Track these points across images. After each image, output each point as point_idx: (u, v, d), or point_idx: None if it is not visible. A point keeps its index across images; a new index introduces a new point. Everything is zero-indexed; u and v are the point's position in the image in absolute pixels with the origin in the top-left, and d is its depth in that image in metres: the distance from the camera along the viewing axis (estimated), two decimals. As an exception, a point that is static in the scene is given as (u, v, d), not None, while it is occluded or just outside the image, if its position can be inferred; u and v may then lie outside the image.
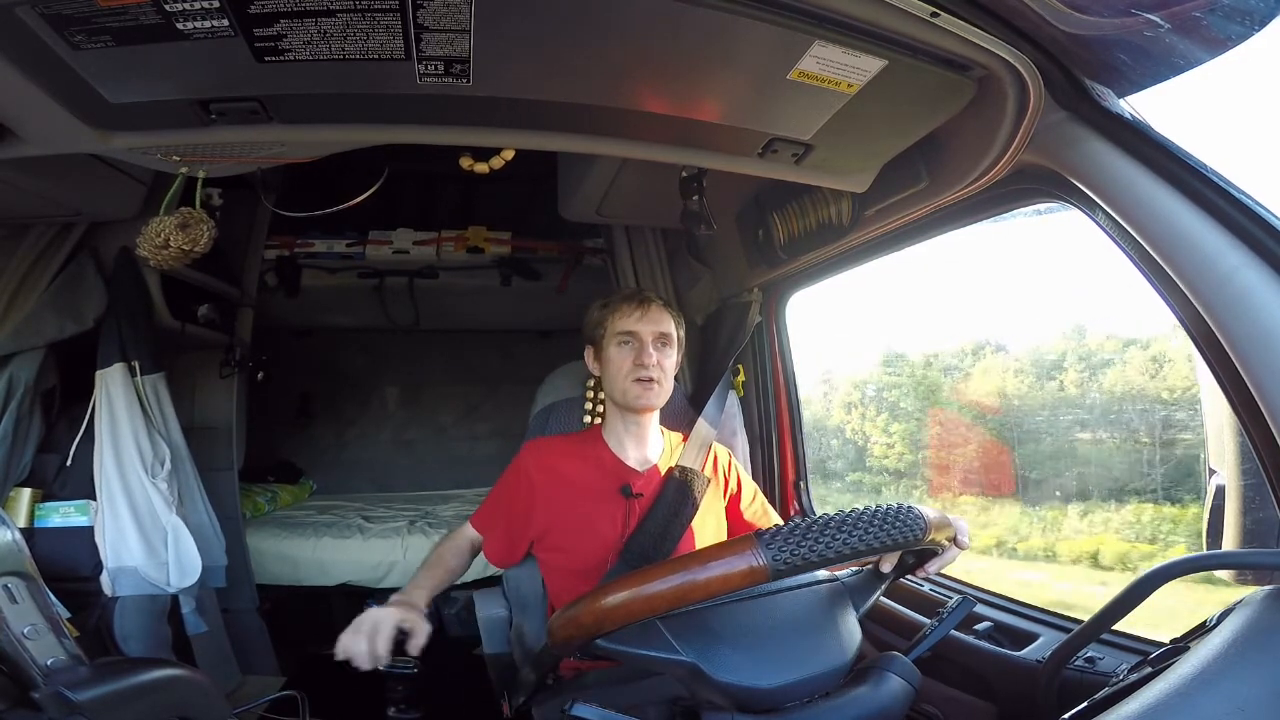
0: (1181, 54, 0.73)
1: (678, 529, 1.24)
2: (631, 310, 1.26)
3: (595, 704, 0.67)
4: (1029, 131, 0.89)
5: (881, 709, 0.72)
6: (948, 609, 0.85)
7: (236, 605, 2.11)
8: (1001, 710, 1.07)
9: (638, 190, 1.55)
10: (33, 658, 0.55)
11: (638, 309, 1.26)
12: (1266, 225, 0.69)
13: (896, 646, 0.81)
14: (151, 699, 0.62)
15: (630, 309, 1.26)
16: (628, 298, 1.28)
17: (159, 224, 1.25)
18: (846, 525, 0.66)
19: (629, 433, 1.31)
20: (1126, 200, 0.79)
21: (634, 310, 1.25)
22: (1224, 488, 0.80)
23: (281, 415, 3.41)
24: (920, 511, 0.71)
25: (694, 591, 0.64)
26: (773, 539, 0.64)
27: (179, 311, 1.99)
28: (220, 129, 0.93)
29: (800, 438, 1.76)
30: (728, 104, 0.93)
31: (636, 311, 1.25)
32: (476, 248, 2.61)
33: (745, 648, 0.71)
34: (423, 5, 0.72)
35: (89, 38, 0.72)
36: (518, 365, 3.55)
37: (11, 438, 1.66)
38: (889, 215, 1.21)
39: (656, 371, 1.23)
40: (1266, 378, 0.66)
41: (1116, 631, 0.89)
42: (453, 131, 0.98)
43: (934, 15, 0.74)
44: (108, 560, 1.67)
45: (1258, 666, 0.56)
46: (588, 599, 0.68)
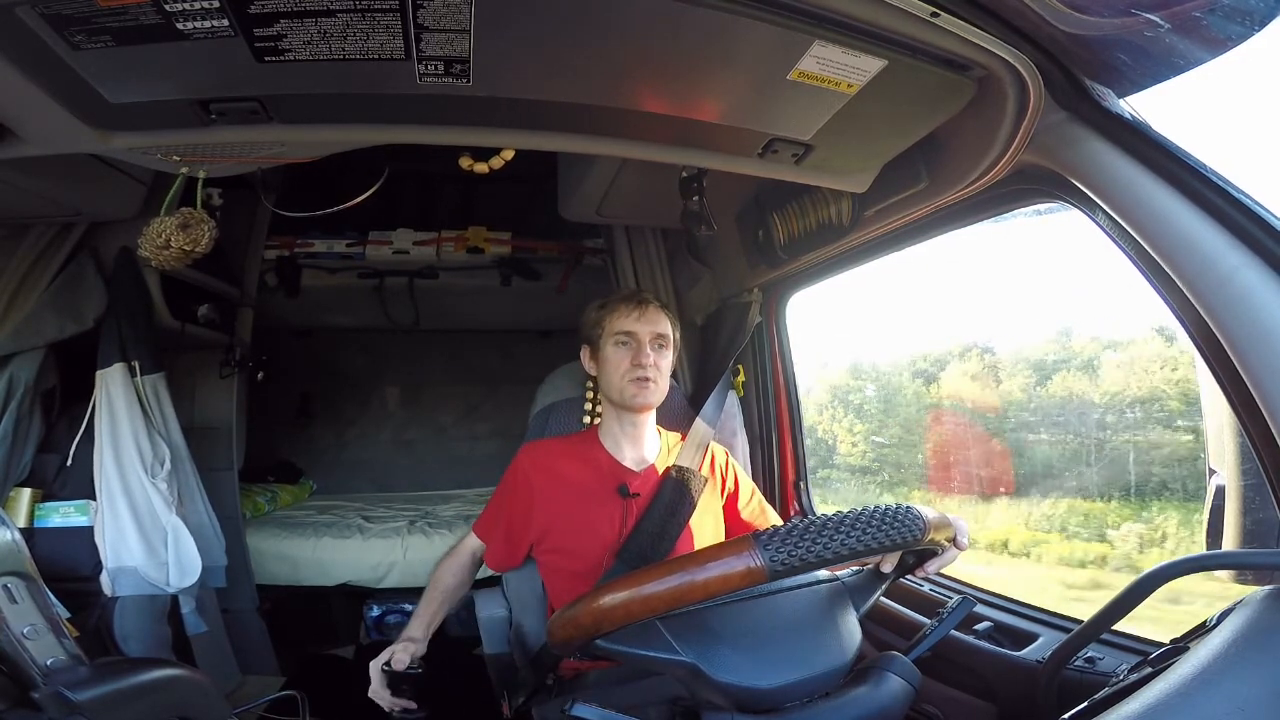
0: (1181, 54, 0.73)
1: (675, 529, 1.24)
2: (629, 311, 1.26)
3: (595, 704, 0.67)
4: (1029, 131, 0.89)
5: (881, 709, 0.72)
6: (948, 609, 0.85)
7: (236, 605, 2.11)
8: (1001, 710, 1.07)
9: (638, 190, 1.55)
10: (33, 658, 0.55)
11: (635, 309, 1.26)
12: (1266, 225, 0.69)
13: (896, 646, 0.81)
14: (151, 699, 0.62)
15: (628, 309, 1.27)
16: (625, 298, 1.29)
17: (160, 224, 1.25)
18: (845, 526, 0.66)
19: (625, 433, 1.31)
20: (1126, 200, 0.79)
21: (632, 310, 1.26)
22: (1224, 488, 0.80)
23: (281, 415, 3.41)
24: (920, 512, 0.71)
25: (692, 592, 0.64)
26: (770, 540, 0.64)
27: (179, 311, 2.00)
28: (220, 129, 0.93)
29: (800, 438, 1.76)
30: (728, 104, 0.93)
31: (634, 312, 1.26)
32: (476, 248, 2.62)
33: (745, 648, 0.71)
34: (423, 5, 0.72)
35: (89, 38, 0.72)
36: (518, 365, 3.54)
37: (11, 438, 1.66)
38: (889, 215, 1.21)
39: (653, 371, 1.24)
40: (1266, 378, 0.66)
41: (1116, 631, 0.89)
42: (453, 131, 0.98)
43: (934, 15, 0.74)
44: (108, 560, 1.67)
45: (1258, 666, 0.56)
46: (586, 599, 0.68)
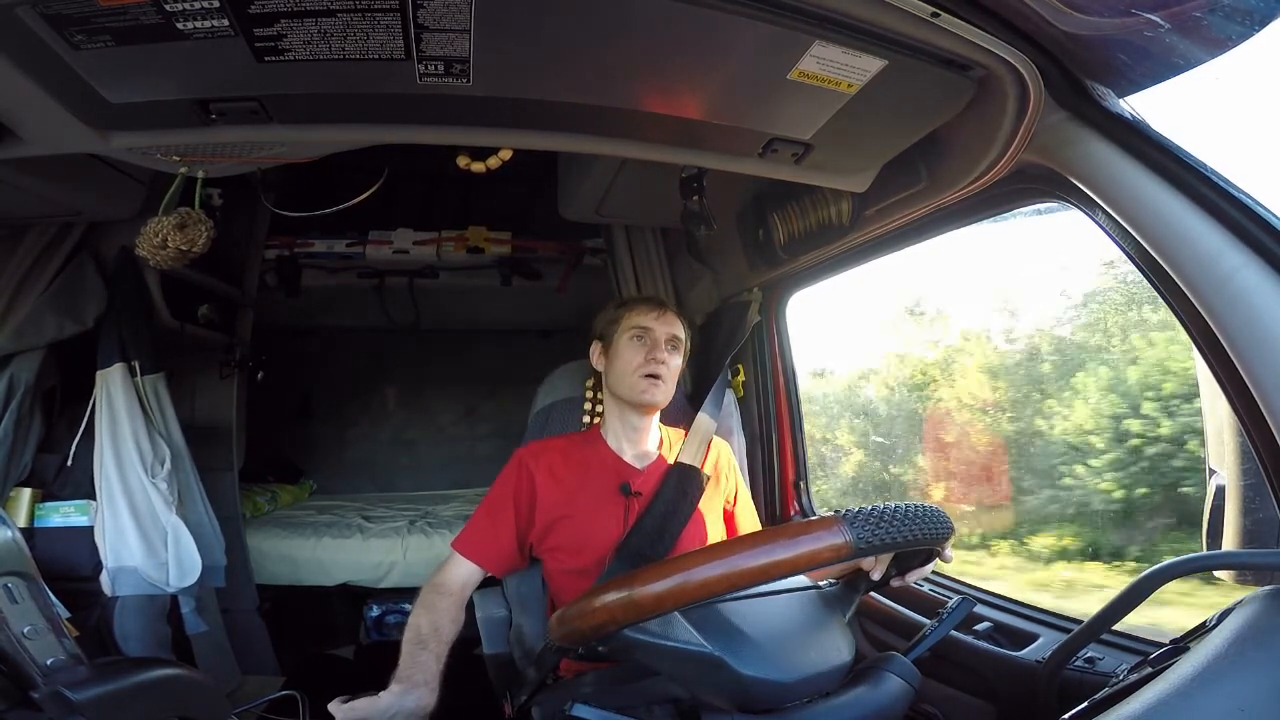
0: (1181, 54, 0.72)
1: (676, 526, 1.24)
2: (649, 310, 1.32)
3: (595, 704, 0.68)
4: (1029, 131, 0.89)
5: (881, 709, 0.72)
6: (948, 609, 0.85)
7: (236, 605, 2.11)
8: (1001, 710, 1.07)
9: (638, 190, 1.55)
10: (33, 658, 0.55)
11: (655, 310, 1.32)
12: (1266, 225, 0.69)
13: (896, 646, 0.82)
14: (151, 699, 0.62)
15: (648, 309, 1.32)
16: (645, 300, 1.36)
17: (157, 224, 1.25)
18: (911, 516, 0.69)
19: (628, 431, 1.31)
20: (1126, 200, 0.79)
21: (651, 311, 1.32)
22: (1224, 488, 0.80)
23: (282, 415, 3.40)
24: (947, 515, 0.75)
25: (779, 567, 0.63)
26: (856, 518, 0.65)
27: (179, 311, 1.99)
28: (220, 129, 0.93)
29: (800, 437, 1.75)
30: (728, 104, 0.93)
31: (654, 312, 1.31)
32: (476, 248, 2.62)
33: (764, 643, 0.72)
34: (423, 5, 0.72)
35: (89, 38, 0.72)
36: (518, 365, 3.53)
37: (12, 438, 1.66)
38: (889, 215, 1.21)
39: (664, 370, 1.27)
40: (1266, 378, 0.66)
41: (1116, 631, 0.90)
42: (453, 131, 0.98)
43: (934, 15, 0.74)
44: (107, 560, 1.67)
45: (1258, 666, 0.56)
46: (672, 568, 0.65)
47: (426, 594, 1.16)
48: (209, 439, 2.20)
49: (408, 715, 0.96)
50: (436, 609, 1.13)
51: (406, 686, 0.99)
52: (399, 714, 0.95)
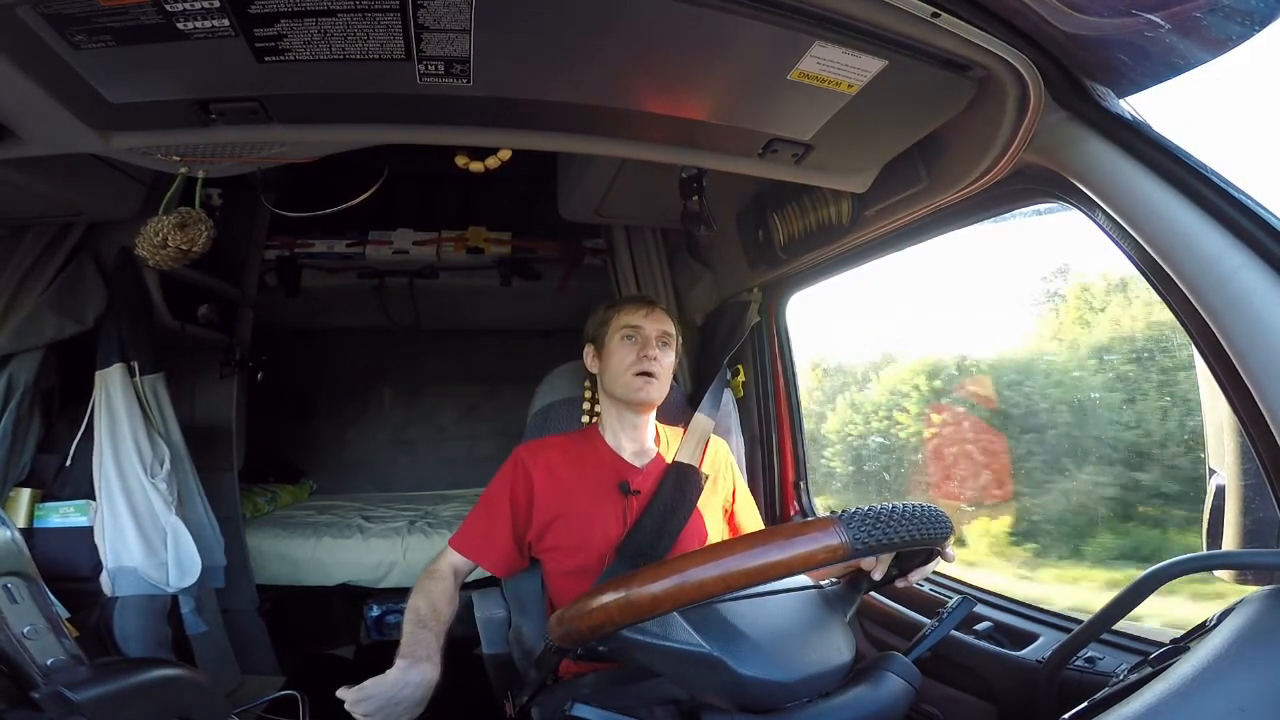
0: (1181, 54, 0.73)
1: (676, 525, 1.24)
2: (638, 309, 1.32)
3: (595, 704, 0.68)
4: (1029, 132, 0.89)
5: (881, 709, 0.72)
6: (948, 609, 0.85)
7: (236, 605, 2.11)
8: (1001, 710, 1.07)
9: (638, 190, 1.55)
10: (33, 658, 0.55)
11: (643, 308, 1.33)
12: (1266, 225, 0.69)
13: (896, 646, 0.82)
14: (151, 699, 0.62)
15: (636, 308, 1.33)
16: (633, 299, 1.36)
17: (157, 224, 1.25)
18: (908, 516, 0.68)
19: (626, 430, 1.31)
20: (1126, 200, 0.79)
21: (640, 309, 1.32)
22: (1224, 488, 0.80)
23: (281, 415, 3.40)
24: (947, 515, 0.74)
25: (775, 568, 0.63)
26: (852, 520, 0.65)
27: (179, 311, 1.99)
28: (220, 129, 0.93)
29: (800, 438, 1.75)
30: (728, 104, 0.93)
31: (642, 310, 1.32)
32: (476, 248, 2.62)
33: (762, 643, 0.72)
34: (423, 5, 0.72)
35: (89, 37, 0.72)
36: (518, 365, 3.52)
37: (11, 438, 1.66)
38: (889, 215, 1.21)
39: (656, 366, 1.27)
40: (1266, 378, 0.66)
41: (1116, 631, 0.90)
42: (453, 131, 0.98)
43: (934, 15, 0.74)
44: (107, 560, 1.67)
45: (1258, 666, 0.56)
46: (668, 569, 0.65)
47: (422, 580, 1.20)
48: (209, 439, 2.20)
49: (414, 687, 0.98)
50: (432, 592, 1.16)
51: (411, 661, 1.01)
52: (405, 686, 0.97)
